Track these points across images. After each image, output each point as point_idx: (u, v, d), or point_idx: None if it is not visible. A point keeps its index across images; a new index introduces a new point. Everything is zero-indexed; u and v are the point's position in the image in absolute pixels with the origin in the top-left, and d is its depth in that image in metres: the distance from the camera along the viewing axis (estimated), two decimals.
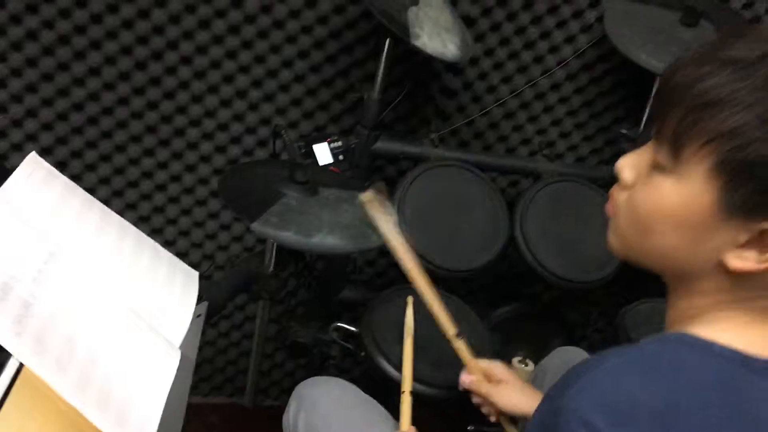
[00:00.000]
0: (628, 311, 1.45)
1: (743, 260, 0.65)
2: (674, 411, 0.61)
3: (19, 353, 0.69)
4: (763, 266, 0.64)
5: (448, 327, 1.11)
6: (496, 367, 1.10)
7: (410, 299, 1.26)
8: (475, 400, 1.13)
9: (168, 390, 0.84)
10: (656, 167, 0.69)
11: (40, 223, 0.86)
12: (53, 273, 0.81)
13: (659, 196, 0.68)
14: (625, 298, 1.56)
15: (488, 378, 1.10)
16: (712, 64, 0.63)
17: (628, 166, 0.73)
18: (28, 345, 0.71)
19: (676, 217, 0.67)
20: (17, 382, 0.69)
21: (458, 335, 1.10)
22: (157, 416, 0.80)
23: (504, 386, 1.08)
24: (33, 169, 0.93)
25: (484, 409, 1.12)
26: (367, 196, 1.09)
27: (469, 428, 1.51)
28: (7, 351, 0.69)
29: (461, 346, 1.11)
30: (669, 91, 0.67)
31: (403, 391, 1.10)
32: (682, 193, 0.66)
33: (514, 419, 1.10)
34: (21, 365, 0.69)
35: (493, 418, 1.11)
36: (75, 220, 0.93)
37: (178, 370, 0.87)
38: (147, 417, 0.79)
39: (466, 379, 1.11)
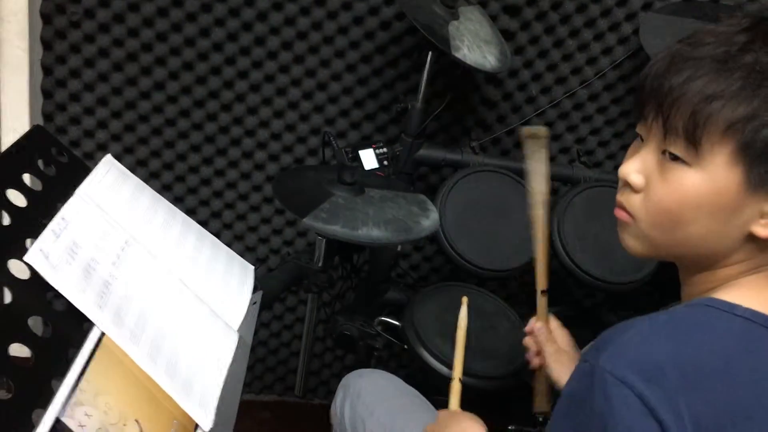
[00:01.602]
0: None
1: None
2: (701, 367, 0.66)
3: (101, 323, 0.79)
4: None
5: (542, 282, 1.18)
6: (564, 335, 1.15)
7: (465, 299, 1.32)
8: (528, 343, 1.16)
9: (227, 366, 0.93)
10: (672, 160, 0.73)
11: (116, 215, 0.96)
12: (128, 259, 0.91)
13: (684, 188, 0.72)
14: (664, 302, 1.60)
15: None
16: (697, 63, 0.70)
17: (633, 171, 0.77)
18: (108, 317, 0.80)
19: (705, 204, 0.72)
20: (98, 350, 0.78)
21: (544, 292, 1.17)
22: (219, 387, 0.89)
23: (564, 353, 1.12)
24: (109, 168, 1.04)
25: (532, 357, 1.16)
26: (530, 130, 1.19)
27: (510, 428, 1.56)
28: (90, 321, 0.79)
29: (543, 303, 1.18)
30: (666, 92, 0.72)
31: (453, 378, 1.16)
32: (707, 180, 0.71)
33: (551, 385, 1.15)
34: (102, 334, 0.79)
35: (535, 363, 1.15)
36: (145, 214, 1.03)
37: (236, 351, 0.96)
38: (210, 388, 0.88)
39: (535, 324, 1.16)
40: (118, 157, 1.63)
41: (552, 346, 1.12)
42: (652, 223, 0.76)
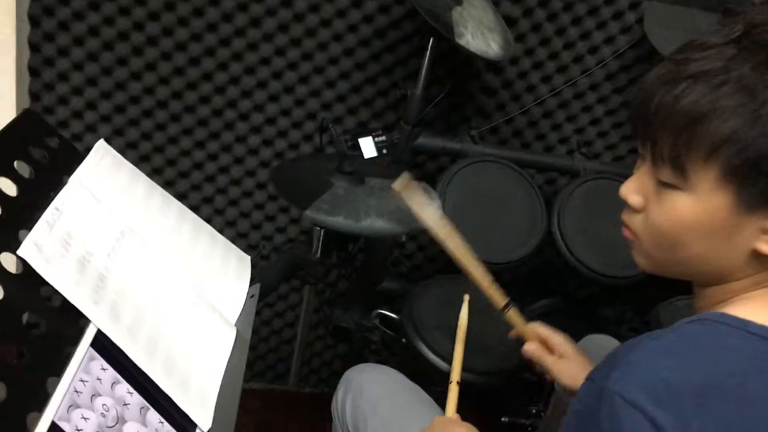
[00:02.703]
0: (662, 307, 1.47)
1: None
2: (714, 388, 0.63)
3: (96, 319, 0.76)
4: None
5: (498, 300, 1.13)
6: (557, 338, 1.11)
7: (466, 297, 1.30)
8: (536, 366, 1.13)
9: (226, 362, 0.90)
10: (664, 186, 0.72)
11: (110, 205, 0.92)
12: (124, 250, 0.88)
13: (677, 212, 0.71)
14: (659, 296, 1.59)
15: (549, 348, 1.11)
16: (684, 82, 0.67)
17: (632, 191, 0.76)
18: (104, 312, 0.77)
19: (699, 228, 0.71)
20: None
21: (506, 306, 1.13)
22: (217, 384, 0.86)
23: (566, 361, 1.08)
24: (103, 155, 1.00)
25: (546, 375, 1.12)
26: (399, 184, 1.10)
27: (503, 419, 1.55)
28: (85, 317, 0.76)
29: (513, 315, 1.14)
30: (651, 115, 0.70)
31: (451, 381, 1.14)
32: (698, 204, 0.70)
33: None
34: (98, 330, 0.76)
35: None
36: (140, 203, 0.99)
37: (234, 345, 0.93)
38: (208, 385, 0.85)
39: (529, 348, 1.12)
40: (107, 139, 1.58)
41: (549, 359, 1.10)
42: (653, 244, 0.76)
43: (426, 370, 1.26)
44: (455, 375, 1.15)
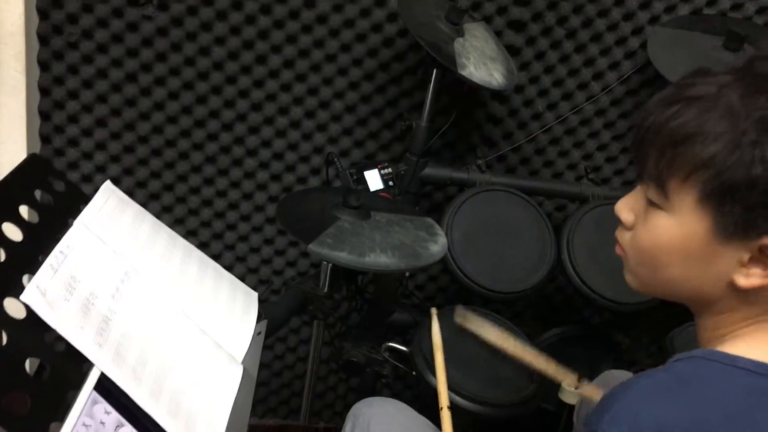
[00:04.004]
0: (676, 335, 1.45)
1: (750, 277, 0.69)
2: (703, 426, 0.63)
3: (100, 363, 0.76)
4: None
5: (572, 381, 1.19)
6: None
7: (434, 311, 1.30)
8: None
9: (232, 401, 0.89)
10: (651, 205, 0.73)
11: (115, 246, 0.93)
12: (129, 291, 0.88)
13: (658, 232, 0.73)
14: (674, 322, 1.56)
15: None
16: (678, 104, 0.69)
17: (625, 208, 0.79)
18: (108, 355, 0.77)
19: (677, 249, 0.72)
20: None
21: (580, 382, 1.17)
22: (224, 424, 0.85)
23: None
24: (108, 195, 1.01)
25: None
26: (459, 318, 1.27)
27: None
28: (89, 361, 0.76)
29: (588, 389, 1.16)
30: (643, 134, 0.72)
31: (441, 408, 1.13)
32: (677, 225, 0.71)
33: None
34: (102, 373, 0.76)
35: None
36: (146, 243, 1.00)
37: (241, 383, 0.93)
38: (214, 424, 0.85)
39: None
40: (117, 179, 1.63)
41: None
42: (637, 261, 0.78)
43: (436, 403, 1.25)
44: (443, 400, 1.13)
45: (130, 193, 1.62)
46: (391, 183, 1.47)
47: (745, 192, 0.65)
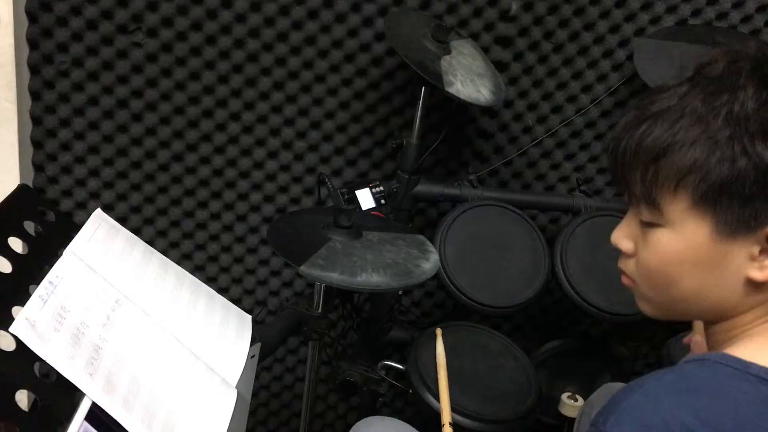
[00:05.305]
0: (673, 342, 1.45)
1: (765, 269, 0.69)
2: (712, 428, 0.62)
3: (91, 392, 0.76)
4: None
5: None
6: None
7: (439, 331, 1.30)
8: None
9: (227, 426, 0.89)
10: (647, 226, 0.74)
11: (106, 274, 0.93)
12: (120, 319, 0.88)
13: (663, 249, 0.73)
14: (671, 331, 1.56)
15: None
16: (646, 122, 0.71)
17: (622, 237, 0.79)
18: (99, 385, 0.77)
19: (687, 260, 0.72)
20: None
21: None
22: None
23: None
24: (99, 223, 1.01)
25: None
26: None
27: None
28: (80, 391, 0.76)
29: None
30: (621, 160, 0.74)
31: (443, 424, 1.13)
32: (679, 237, 0.71)
33: None
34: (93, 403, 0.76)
35: None
36: (137, 269, 1.00)
37: (235, 407, 0.93)
38: None
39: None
40: (111, 205, 1.63)
41: None
42: (648, 285, 0.77)
43: (436, 420, 1.25)
44: (446, 417, 1.14)
45: (124, 219, 1.65)
46: (382, 201, 1.47)
47: (738, 186, 0.66)
